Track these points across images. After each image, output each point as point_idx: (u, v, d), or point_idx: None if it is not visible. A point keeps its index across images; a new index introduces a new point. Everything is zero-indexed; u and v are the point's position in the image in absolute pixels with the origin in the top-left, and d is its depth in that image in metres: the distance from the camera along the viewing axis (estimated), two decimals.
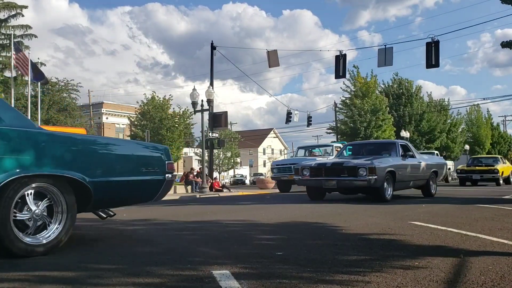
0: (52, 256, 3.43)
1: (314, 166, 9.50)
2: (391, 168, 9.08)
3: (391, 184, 9.17)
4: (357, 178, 8.65)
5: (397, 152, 9.96)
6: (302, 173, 9.58)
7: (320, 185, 9.27)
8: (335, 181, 8.95)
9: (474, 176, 19.20)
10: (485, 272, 2.77)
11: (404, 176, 9.63)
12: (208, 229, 5.06)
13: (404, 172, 9.65)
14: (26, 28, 29.70)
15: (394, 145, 10.43)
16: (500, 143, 51.25)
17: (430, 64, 15.41)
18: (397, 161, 9.52)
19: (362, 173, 8.57)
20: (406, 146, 10.61)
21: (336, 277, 2.67)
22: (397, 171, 9.20)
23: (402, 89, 37.64)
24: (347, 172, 8.90)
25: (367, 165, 8.58)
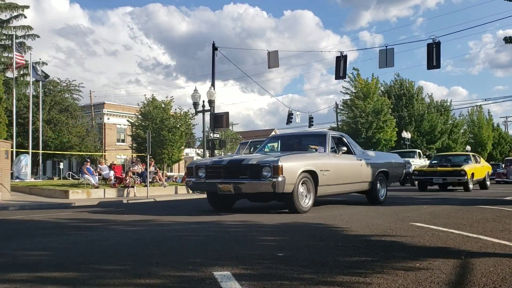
0: (53, 256, 3.43)
1: (210, 164, 7.37)
2: (310, 167, 7.03)
3: (311, 188, 7.10)
4: (260, 180, 6.58)
5: (326, 147, 7.87)
6: (197, 174, 7.39)
7: (216, 190, 7.09)
8: (232, 184, 6.79)
9: (435, 179, 14.87)
10: (487, 274, 2.77)
11: (332, 178, 7.53)
12: (209, 230, 5.07)
13: (333, 172, 7.52)
14: (27, 29, 29.80)
15: (324, 137, 8.11)
16: (502, 144, 51.16)
17: (432, 65, 15.39)
18: (321, 158, 7.48)
19: (266, 173, 6.55)
20: (341, 139, 8.56)
21: (337, 278, 2.67)
22: (320, 172, 7.16)
23: (403, 90, 37.63)
24: (248, 172, 6.78)
25: (271, 163, 6.52)
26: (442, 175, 14.77)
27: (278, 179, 6.44)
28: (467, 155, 16.92)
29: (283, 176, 6.47)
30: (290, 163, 6.71)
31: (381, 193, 9.05)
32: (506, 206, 7.92)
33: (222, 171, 7.08)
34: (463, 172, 14.09)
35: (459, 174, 14.17)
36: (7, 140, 17.50)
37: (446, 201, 9.42)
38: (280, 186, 6.49)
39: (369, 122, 31.87)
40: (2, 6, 28.80)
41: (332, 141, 8.04)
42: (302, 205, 6.93)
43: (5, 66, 28.49)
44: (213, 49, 19.36)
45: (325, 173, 7.29)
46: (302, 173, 6.83)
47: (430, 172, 15.24)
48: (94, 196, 13.20)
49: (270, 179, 6.47)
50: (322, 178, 7.23)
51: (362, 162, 8.41)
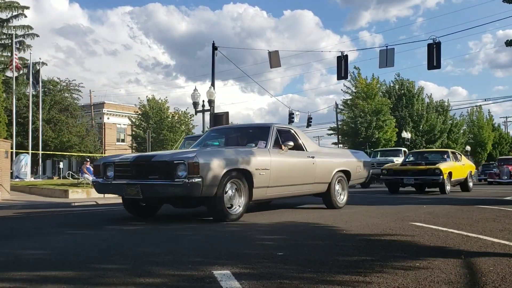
0: (53, 255, 3.44)
1: (117, 161, 6.01)
2: (242, 165, 5.74)
3: (244, 191, 5.83)
4: (172, 181, 5.23)
5: (267, 141, 6.52)
6: (105, 174, 6.10)
7: (123, 193, 5.92)
8: (139, 186, 5.48)
9: (405, 180, 12.93)
10: (486, 273, 2.77)
11: (273, 178, 6.26)
12: (208, 229, 5.07)
13: (275, 172, 6.28)
14: (27, 29, 29.80)
15: (267, 130, 6.73)
16: (502, 144, 51.22)
17: (432, 66, 15.41)
18: (259, 155, 6.12)
19: (180, 173, 5.23)
20: (289, 132, 7.17)
21: (337, 277, 2.67)
22: (256, 171, 5.89)
23: (404, 90, 37.65)
24: (159, 171, 5.47)
25: (186, 160, 5.22)
26: (414, 174, 12.80)
27: (193, 180, 5.11)
28: (445, 152, 14.76)
29: (200, 176, 5.16)
30: (211, 159, 5.38)
31: (340, 197, 7.87)
32: (506, 206, 7.92)
33: (129, 170, 5.79)
34: (437, 171, 12.19)
35: (434, 174, 12.25)
36: (7, 139, 17.49)
37: (446, 201, 9.43)
38: (196, 188, 5.16)
39: (368, 122, 31.89)
40: (2, 6, 28.81)
41: (276, 135, 6.69)
42: (231, 212, 5.68)
43: (5, 66, 28.50)
44: (213, 49, 19.36)
45: (262, 173, 6.02)
46: (230, 173, 5.57)
47: (401, 171, 13.23)
48: (94, 195, 13.20)
49: (184, 180, 5.15)
50: (259, 178, 5.97)
51: (315, 160, 7.14)
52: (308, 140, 7.63)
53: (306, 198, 11.10)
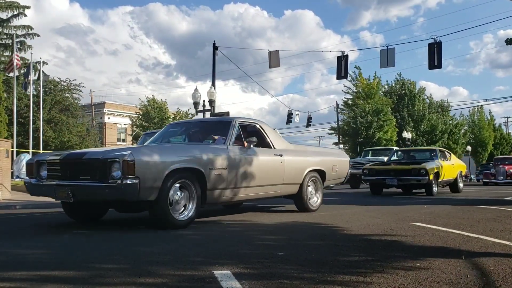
0: (53, 255, 3.44)
1: (50, 160, 5.29)
2: (190, 164, 5.05)
3: (194, 193, 5.10)
4: (106, 182, 4.57)
5: (227, 137, 5.81)
6: (39, 173, 5.37)
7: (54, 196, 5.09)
8: (69, 188, 4.80)
9: (388, 180, 11.88)
10: (487, 274, 2.77)
11: (232, 179, 5.54)
12: (208, 229, 5.07)
13: (234, 171, 5.56)
14: (28, 29, 29.82)
15: (228, 125, 6.06)
16: (502, 144, 51.19)
17: (433, 65, 15.42)
18: (213, 152, 5.42)
19: (115, 173, 4.57)
20: (254, 127, 6.53)
21: (337, 277, 2.67)
22: (209, 170, 5.20)
23: (405, 90, 37.64)
24: (91, 170, 4.78)
25: (120, 157, 4.54)
26: (397, 175, 11.79)
27: (128, 181, 4.42)
28: (433, 150, 13.79)
29: (136, 176, 4.46)
30: (150, 157, 4.72)
31: (313, 199, 7.16)
32: (507, 206, 7.91)
33: (60, 169, 5.10)
34: (423, 171, 11.28)
35: (419, 174, 11.34)
36: (8, 139, 17.50)
37: (447, 201, 9.42)
38: (131, 191, 4.46)
39: (369, 122, 31.89)
40: (3, 6, 28.82)
41: (238, 130, 6.04)
42: (178, 217, 4.97)
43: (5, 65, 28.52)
44: (214, 49, 19.37)
45: (218, 172, 5.33)
46: (175, 173, 4.86)
47: (384, 171, 12.22)
48: None
49: (117, 181, 4.46)
50: (214, 179, 5.28)
51: (283, 158, 6.44)
52: (277, 136, 6.95)
53: None
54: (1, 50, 29.68)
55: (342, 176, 8.13)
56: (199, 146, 5.67)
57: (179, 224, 4.97)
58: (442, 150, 13.98)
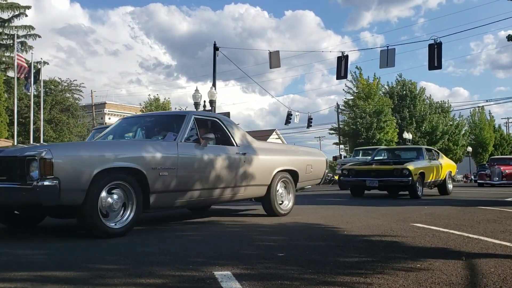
0: (54, 255, 3.44)
1: None
2: (127, 163, 4.44)
3: (133, 197, 4.49)
4: (23, 184, 3.94)
5: (179, 133, 5.17)
6: None
7: None
8: None
9: (369, 182, 10.94)
10: (487, 275, 2.76)
11: (183, 181, 4.94)
12: (209, 230, 5.07)
13: (185, 172, 4.97)
14: (29, 29, 29.84)
15: (181, 120, 5.42)
16: (503, 145, 51.15)
17: (433, 66, 15.41)
18: (160, 150, 4.80)
19: (33, 173, 3.95)
20: (214, 123, 5.92)
21: (338, 278, 2.67)
22: (152, 171, 4.58)
23: (406, 91, 37.61)
24: (9, 170, 4.13)
25: (38, 155, 3.93)
26: (378, 175, 10.88)
27: (45, 183, 3.85)
28: (419, 149, 12.84)
29: (54, 177, 3.89)
30: (73, 155, 4.16)
31: (284, 202, 6.56)
32: (507, 207, 7.91)
33: None
34: (406, 171, 10.38)
35: (401, 175, 10.44)
36: (8, 139, 17.51)
37: (447, 202, 9.41)
38: (49, 194, 3.88)
39: (369, 123, 31.87)
40: (4, 6, 28.84)
41: (194, 126, 5.42)
42: (111, 224, 4.34)
43: (6, 66, 28.56)
44: (214, 49, 19.38)
45: (164, 173, 4.71)
46: (106, 173, 4.23)
47: (364, 172, 11.33)
48: None
49: (33, 183, 3.86)
50: (159, 180, 4.66)
51: (247, 157, 5.84)
52: (242, 133, 6.20)
53: (307, 199, 11.07)
54: (2, 50, 29.68)
55: (318, 177, 7.48)
56: (141, 143, 5.13)
57: (112, 232, 4.32)
58: (429, 149, 13.17)
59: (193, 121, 5.47)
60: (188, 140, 5.25)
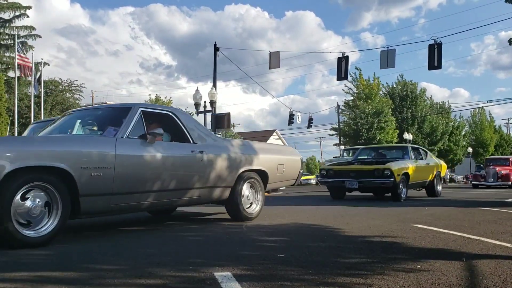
0: (54, 256, 3.44)
1: None
2: (48, 162, 3.81)
3: (58, 201, 3.88)
4: None
5: (121, 127, 4.55)
6: None
7: None
8: None
9: (348, 183, 10.08)
10: (488, 276, 2.76)
11: (121, 183, 4.29)
12: (209, 230, 5.07)
13: (123, 172, 4.31)
14: (30, 29, 29.87)
15: (126, 113, 4.78)
16: (503, 145, 51.13)
17: (433, 66, 15.40)
18: (89, 146, 4.20)
19: None
20: (165, 117, 5.32)
21: (338, 279, 2.66)
22: (81, 171, 3.98)
23: (407, 91, 37.61)
24: None
25: None
26: (358, 176, 10.04)
27: None
28: (404, 148, 11.95)
29: None
30: None
31: (252, 206, 5.98)
32: (508, 208, 7.91)
33: None
34: (387, 172, 9.57)
35: (382, 175, 9.62)
36: None
37: (447, 203, 9.41)
38: None
39: (369, 123, 31.88)
40: (5, 6, 28.88)
41: (140, 120, 4.78)
42: (29, 232, 3.73)
43: (7, 66, 28.58)
44: (215, 50, 19.39)
45: (97, 173, 4.09)
46: (22, 173, 3.65)
47: (343, 172, 10.42)
48: None
49: None
50: (91, 181, 4.05)
51: (205, 155, 5.24)
52: (200, 129, 5.62)
53: (306, 199, 11.06)
54: (3, 50, 29.72)
55: (291, 178, 6.87)
56: (70, 138, 4.53)
57: (33, 241, 3.73)
58: (416, 148, 12.36)
59: (140, 115, 4.82)
60: (133, 136, 4.61)
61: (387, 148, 13.72)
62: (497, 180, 19.46)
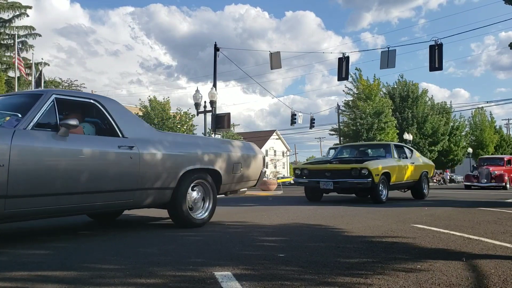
0: (54, 255, 3.44)
1: None
2: None
3: None
4: None
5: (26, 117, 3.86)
6: None
7: None
8: None
9: (323, 184, 9.38)
10: (488, 276, 2.76)
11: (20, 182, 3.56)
12: (209, 230, 5.07)
13: (23, 170, 3.60)
14: (30, 29, 29.90)
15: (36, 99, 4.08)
16: (503, 146, 51.16)
17: (434, 67, 15.40)
18: None
19: None
20: (88, 107, 4.66)
21: (338, 279, 2.67)
22: None
23: (407, 92, 37.62)
24: None
25: None
26: (334, 176, 9.26)
27: None
28: (387, 145, 11.03)
29: None
30: None
31: (198, 210, 5.35)
32: (508, 208, 7.91)
33: None
34: (365, 172, 8.87)
35: (360, 175, 8.91)
36: None
37: (448, 203, 9.42)
38: None
39: (370, 123, 31.89)
40: (5, 6, 28.89)
41: (53, 109, 4.07)
42: None
43: (7, 66, 28.59)
44: (215, 50, 19.38)
45: None
46: None
47: (318, 172, 9.66)
48: None
49: None
50: None
51: (138, 152, 4.55)
52: (133, 121, 4.87)
53: (306, 200, 11.02)
54: (3, 50, 29.74)
55: (251, 178, 6.16)
56: None
57: None
58: (400, 146, 11.49)
59: (53, 103, 4.10)
60: (42, 128, 3.94)
61: (369, 146, 12.60)
62: (491, 180, 18.54)
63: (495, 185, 18.38)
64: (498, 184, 18.38)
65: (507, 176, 18.62)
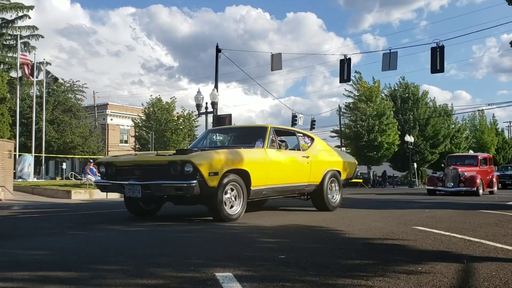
0: (55, 256, 3.44)
1: None
2: None
3: None
4: None
5: None
6: None
7: None
8: None
9: (128, 190, 5.81)
10: (489, 278, 2.76)
11: None
12: (210, 231, 5.07)
13: None
14: (33, 29, 29.94)
15: None
16: (505, 148, 51.06)
17: (435, 69, 15.37)
18: None
19: None
20: None
21: (339, 281, 2.66)
22: None
23: (408, 93, 37.58)
24: None
25: None
26: (144, 176, 5.80)
27: None
28: (261, 129, 7.10)
29: None
30: None
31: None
32: (509, 210, 7.90)
33: None
34: (189, 169, 5.44)
35: (182, 174, 5.49)
36: (10, 139, 17.56)
37: (449, 205, 9.40)
38: None
39: (371, 125, 31.87)
40: (8, 7, 28.94)
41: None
42: None
43: (9, 66, 28.65)
44: (217, 51, 19.39)
45: None
46: None
47: (126, 170, 6.17)
48: (96, 196, 13.24)
49: None
50: None
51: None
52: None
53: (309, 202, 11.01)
54: (5, 51, 29.79)
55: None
56: None
57: None
58: (286, 131, 7.95)
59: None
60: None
61: (242, 130, 8.24)
62: (459, 184, 14.91)
63: (464, 189, 14.86)
64: (468, 188, 14.81)
65: (480, 179, 14.96)
